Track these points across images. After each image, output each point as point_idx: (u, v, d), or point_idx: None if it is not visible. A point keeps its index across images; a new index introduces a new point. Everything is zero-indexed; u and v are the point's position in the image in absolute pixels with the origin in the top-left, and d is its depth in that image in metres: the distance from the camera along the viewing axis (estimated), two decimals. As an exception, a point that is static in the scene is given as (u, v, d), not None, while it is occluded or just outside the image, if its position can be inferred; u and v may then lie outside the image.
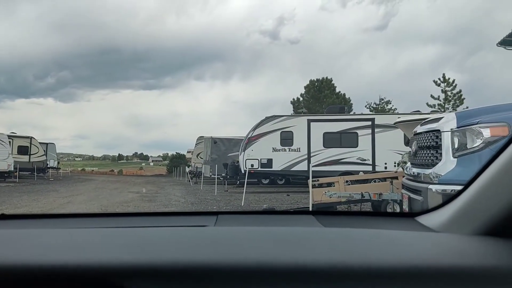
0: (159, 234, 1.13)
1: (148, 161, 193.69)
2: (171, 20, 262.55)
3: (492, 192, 1.00)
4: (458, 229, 1.07)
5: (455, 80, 35.70)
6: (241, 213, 1.44)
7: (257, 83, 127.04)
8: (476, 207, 1.05)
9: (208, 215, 1.39)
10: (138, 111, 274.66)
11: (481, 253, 0.95)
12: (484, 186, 1.03)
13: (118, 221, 1.38)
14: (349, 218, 1.40)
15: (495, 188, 1.00)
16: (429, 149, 5.29)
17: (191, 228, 1.20)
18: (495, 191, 0.99)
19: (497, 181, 0.99)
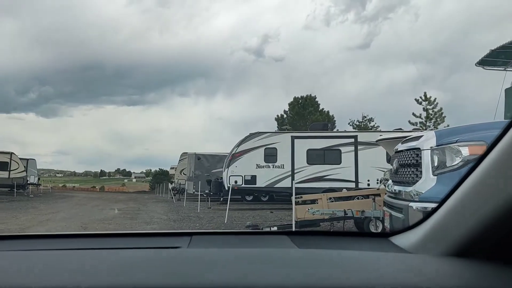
0: (128, 256, 1.10)
1: (130, 178, 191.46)
2: (155, 36, 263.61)
3: (461, 213, 1.01)
4: (429, 250, 1.08)
5: (436, 99, 36.41)
6: (215, 233, 1.41)
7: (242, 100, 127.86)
8: (445, 228, 1.06)
9: (182, 235, 1.36)
10: (121, 126, 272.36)
11: (449, 275, 0.95)
12: (453, 207, 1.04)
13: (87, 242, 1.34)
14: (323, 238, 1.39)
15: (463, 209, 1.00)
16: (409, 166, 5.35)
17: (163, 250, 1.17)
18: (464, 212, 1.00)
19: (466, 202, 0.99)
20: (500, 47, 10.94)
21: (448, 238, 1.03)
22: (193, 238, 1.31)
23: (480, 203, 0.93)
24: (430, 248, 1.08)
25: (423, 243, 1.12)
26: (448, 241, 1.03)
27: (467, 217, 0.97)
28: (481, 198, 0.93)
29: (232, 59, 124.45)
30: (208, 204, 20.18)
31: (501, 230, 0.93)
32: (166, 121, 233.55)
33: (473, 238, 0.97)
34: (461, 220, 1.00)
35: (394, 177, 5.99)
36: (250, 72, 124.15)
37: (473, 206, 0.96)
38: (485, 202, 0.91)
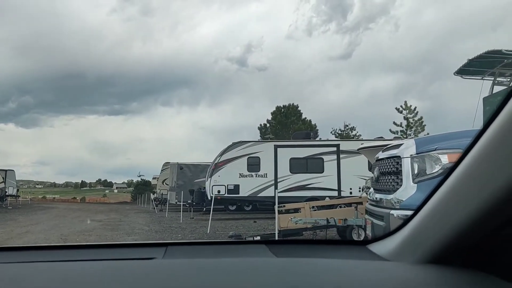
0: (101, 268, 1.07)
1: (112, 188, 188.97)
2: (138, 45, 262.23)
3: (435, 220, 1.01)
4: (406, 258, 1.07)
5: (416, 107, 37.03)
6: (191, 243, 1.39)
7: (225, 109, 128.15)
8: (421, 235, 1.06)
9: (157, 246, 1.33)
10: (103, 136, 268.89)
11: (425, 282, 0.94)
12: (428, 214, 1.04)
13: (59, 254, 1.30)
14: (301, 247, 1.38)
15: (438, 216, 1.01)
16: (390, 174, 5.39)
17: (137, 262, 1.14)
18: (438, 219, 1.00)
19: (440, 209, 1.00)
20: (477, 57, 11.18)
21: (424, 245, 1.03)
22: (169, 249, 1.28)
23: (453, 210, 0.93)
24: (407, 255, 1.08)
25: (400, 250, 1.12)
26: (424, 248, 1.03)
27: (441, 224, 0.98)
28: (455, 205, 0.93)
29: (216, 68, 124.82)
30: (190, 214, 20.02)
31: (475, 236, 0.94)
32: (148, 130, 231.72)
33: (448, 245, 0.97)
34: (436, 227, 1.00)
35: (375, 185, 6.03)
36: (233, 81, 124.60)
37: (447, 213, 0.96)
38: (458, 209, 0.91)
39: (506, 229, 0.91)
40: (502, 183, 0.77)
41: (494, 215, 0.85)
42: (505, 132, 0.76)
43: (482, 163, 0.83)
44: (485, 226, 0.90)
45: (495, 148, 0.79)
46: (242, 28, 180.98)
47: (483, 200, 0.83)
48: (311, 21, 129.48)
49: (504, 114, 0.75)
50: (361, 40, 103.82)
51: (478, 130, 0.84)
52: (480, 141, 0.82)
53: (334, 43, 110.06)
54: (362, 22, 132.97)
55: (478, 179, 0.85)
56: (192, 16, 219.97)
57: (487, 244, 0.96)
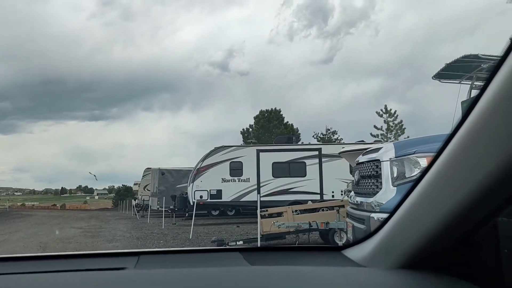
0: (69, 279, 1.04)
1: (93, 195, 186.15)
2: (118, 50, 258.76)
3: (407, 226, 1.02)
4: (379, 263, 1.08)
5: (396, 111, 37.52)
6: (165, 252, 1.36)
7: (207, 114, 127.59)
8: (393, 241, 1.07)
9: (128, 255, 1.29)
10: (83, 142, 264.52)
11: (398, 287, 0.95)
12: (400, 220, 1.04)
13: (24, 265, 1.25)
14: (276, 254, 1.37)
15: (409, 222, 1.01)
16: (370, 178, 5.44)
17: (107, 272, 1.10)
18: (410, 225, 1.01)
19: (411, 214, 1.00)
20: (455, 61, 11.36)
21: (397, 251, 1.04)
22: (141, 258, 1.25)
23: (425, 215, 0.94)
24: (380, 261, 1.08)
25: (374, 256, 1.12)
26: (397, 254, 1.03)
27: (413, 229, 0.98)
28: (426, 210, 0.94)
29: (197, 72, 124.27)
30: (173, 220, 19.84)
31: (446, 241, 0.94)
32: (129, 136, 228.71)
33: (421, 250, 0.98)
34: (408, 232, 1.01)
35: (356, 189, 6.08)
36: (215, 85, 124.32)
37: (418, 218, 0.97)
38: (429, 214, 0.92)
39: (477, 233, 0.93)
40: (472, 187, 0.78)
41: (465, 219, 0.86)
42: (473, 136, 0.76)
43: (452, 167, 0.84)
44: (456, 231, 0.91)
45: (463, 152, 0.80)
46: (224, 33, 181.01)
47: (453, 204, 0.83)
48: (293, 26, 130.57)
49: (473, 118, 0.75)
50: (342, 45, 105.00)
51: (448, 134, 0.84)
52: (449, 146, 0.83)
53: (315, 48, 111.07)
54: (343, 27, 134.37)
55: (448, 184, 0.85)
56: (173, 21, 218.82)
57: (460, 249, 0.97)
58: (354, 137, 72.00)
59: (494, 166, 0.72)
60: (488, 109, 0.71)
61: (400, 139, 29.47)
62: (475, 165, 0.77)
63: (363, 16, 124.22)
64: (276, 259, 1.29)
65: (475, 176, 0.77)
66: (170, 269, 1.12)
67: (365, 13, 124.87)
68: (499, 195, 0.78)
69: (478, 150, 0.76)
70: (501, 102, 0.68)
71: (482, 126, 0.73)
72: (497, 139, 0.70)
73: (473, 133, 0.76)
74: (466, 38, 37.80)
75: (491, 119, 0.71)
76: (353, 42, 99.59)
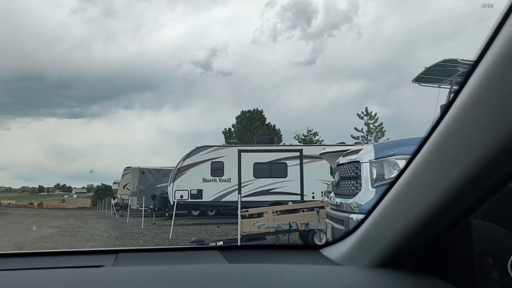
0: (47, 277, 1.02)
1: (71, 193, 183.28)
2: (99, 47, 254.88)
3: (384, 225, 1.03)
4: (356, 262, 1.09)
5: (377, 114, 38.01)
6: (144, 250, 1.35)
7: (189, 113, 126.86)
8: (371, 239, 1.08)
9: (107, 253, 1.28)
10: (62, 140, 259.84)
11: (373, 286, 0.95)
12: (377, 218, 1.06)
13: (3, 262, 1.22)
14: (255, 253, 1.37)
15: (386, 221, 1.02)
16: (350, 179, 5.49)
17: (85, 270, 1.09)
18: (387, 224, 1.02)
19: (388, 213, 1.01)
20: (434, 65, 11.55)
21: (373, 249, 1.05)
22: (119, 256, 1.24)
23: (400, 214, 0.95)
24: (357, 259, 1.09)
25: (351, 254, 1.13)
26: (373, 252, 1.04)
27: (389, 228, 0.99)
28: (401, 209, 0.95)
29: (180, 71, 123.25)
30: (152, 219, 19.67)
31: (422, 240, 0.96)
32: (110, 134, 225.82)
33: (397, 249, 0.99)
34: (384, 231, 1.02)
35: (336, 190, 6.12)
36: (198, 85, 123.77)
37: (394, 217, 0.98)
38: (405, 213, 0.93)
39: (450, 233, 0.94)
40: (444, 189, 0.79)
41: (438, 220, 0.87)
42: (446, 140, 0.77)
43: (425, 169, 0.85)
44: (430, 231, 0.92)
45: (436, 155, 0.81)
46: (207, 32, 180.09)
47: (427, 205, 0.85)
48: (276, 27, 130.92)
49: (446, 121, 0.76)
50: (325, 47, 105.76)
51: (423, 137, 0.85)
52: (423, 149, 0.84)
53: (298, 49, 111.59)
54: (326, 29, 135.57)
55: (422, 185, 0.87)
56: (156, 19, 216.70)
57: (434, 248, 0.99)
58: (335, 138, 72.60)
59: (465, 169, 0.73)
60: (460, 114, 0.73)
61: (380, 141, 29.88)
62: (447, 167, 0.78)
63: (346, 19, 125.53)
64: (255, 257, 1.29)
65: (447, 178, 0.78)
66: (149, 266, 1.12)
67: (348, 16, 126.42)
68: (470, 197, 0.79)
69: (450, 153, 0.77)
70: (472, 107, 0.70)
71: (455, 129, 0.74)
72: (468, 142, 0.71)
73: (446, 136, 0.77)
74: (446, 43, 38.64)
75: (463, 124, 0.73)
76: (336, 45, 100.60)
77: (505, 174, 0.71)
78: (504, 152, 0.66)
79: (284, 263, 1.17)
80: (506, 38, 0.61)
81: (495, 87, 0.64)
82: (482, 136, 0.68)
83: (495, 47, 0.63)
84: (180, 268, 1.11)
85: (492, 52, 0.64)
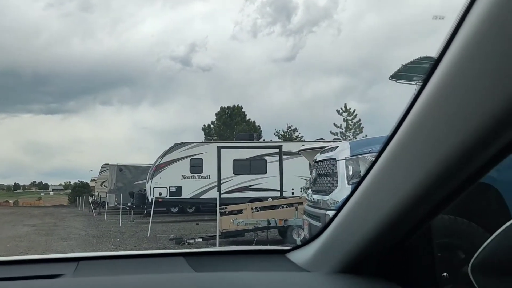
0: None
1: (48, 191, 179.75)
2: (76, 42, 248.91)
3: (347, 229, 1.02)
4: (321, 267, 1.08)
5: (355, 110, 38.41)
6: (106, 257, 1.30)
7: (168, 109, 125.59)
8: (334, 245, 1.07)
9: (67, 261, 1.22)
10: (38, 136, 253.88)
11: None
12: (341, 223, 1.05)
13: None
14: (221, 259, 1.35)
15: (349, 225, 1.02)
16: (326, 176, 5.52)
17: (41, 281, 1.03)
18: (349, 228, 1.01)
19: (351, 218, 1.01)
20: (411, 63, 11.69)
21: (336, 254, 1.04)
22: (80, 264, 1.19)
23: (362, 219, 0.95)
24: (321, 264, 1.08)
25: (315, 259, 1.12)
26: (336, 258, 1.03)
27: (352, 234, 0.99)
28: (364, 214, 0.94)
29: (158, 67, 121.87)
30: (130, 217, 19.46)
31: (385, 244, 0.95)
32: (87, 130, 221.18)
33: (359, 254, 0.98)
34: (347, 236, 1.01)
35: (313, 186, 6.15)
36: (177, 81, 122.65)
37: (357, 222, 0.97)
38: (367, 218, 0.92)
39: (414, 235, 0.94)
40: (409, 188, 0.78)
41: (402, 222, 0.87)
42: (409, 139, 0.76)
43: (388, 171, 0.84)
44: (394, 233, 0.91)
45: (398, 157, 0.80)
46: (186, 27, 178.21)
47: (390, 207, 0.84)
48: (256, 23, 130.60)
49: (411, 117, 0.75)
50: (305, 43, 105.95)
51: (387, 136, 0.84)
52: (387, 149, 0.83)
53: (278, 45, 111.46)
54: (306, 25, 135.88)
55: (385, 187, 0.86)
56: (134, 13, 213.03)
57: (397, 253, 0.98)
58: (314, 134, 73.11)
59: (427, 171, 0.72)
60: (422, 112, 0.72)
61: (358, 138, 30.19)
62: (409, 168, 0.77)
63: (326, 15, 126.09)
64: (220, 264, 1.26)
65: (410, 180, 0.77)
66: (110, 276, 1.07)
67: (328, 12, 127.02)
68: (433, 198, 0.78)
69: (412, 154, 0.76)
70: (434, 105, 0.69)
71: (419, 127, 0.73)
72: (431, 141, 0.70)
73: (409, 135, 0.76)
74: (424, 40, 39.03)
75: (425, 121, 0.71)
76: (315, 41, 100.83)
77: (470, 172, 0.70)
78: (466, 151, 0.65)
79: (250, 270, 1.15)
80: (464, 35, 0.61)
81: (456, 84, 0.64)
82: (444, 134, 0.67)
83: (455, 44, 0.63)
84: (143, 278, 1.07)
85: (452, 50, 0.64)
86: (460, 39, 0.62)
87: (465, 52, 0.61)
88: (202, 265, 1.19)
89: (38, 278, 1.04)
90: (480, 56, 0.59)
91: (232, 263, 1.28)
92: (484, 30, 0.57)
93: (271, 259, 1.31)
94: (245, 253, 1.38)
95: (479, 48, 0.59)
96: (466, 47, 0.61)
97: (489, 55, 0.57)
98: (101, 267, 1.21)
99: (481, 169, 0.69)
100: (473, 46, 0.59)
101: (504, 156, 0.66)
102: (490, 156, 0.65)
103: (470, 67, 0.61)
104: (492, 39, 0.56)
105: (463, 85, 0.62)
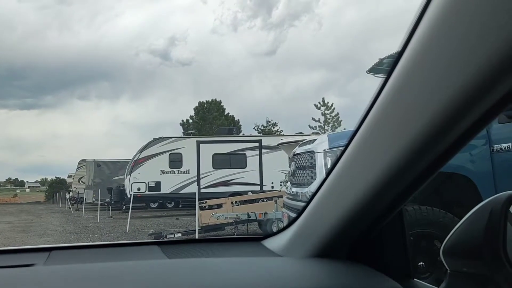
0: None
1: (24, 187, 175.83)
2: (52, 35, 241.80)
3: (319, 215, 1.05)
4: (294, 253, 1.10)
5: (333, 104, 38.74)
6: (78, 247, 1.30)
7: (147, 104, 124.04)
8: (307, 230, 1.10)
9: (38, 251, 1.21)
10: (14, 132, 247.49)
11: (308, 276, 0.98)
12: (313, 209, 1.08)
13: None
14: (196, 246, 1.36)
15: (321, 212, 1.05)
16: (305, 169, 5.57)
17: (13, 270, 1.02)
18: (321, 214, 1.04)
19: (323, 204, 1.04)
20: (388, 57, 11.82)
21: (310, 240, 1.07)
22: (52, 254, 1.18)
23: (334, 205, 0.98)
24: (296, 250, 1.11)
25: (290, 245, 1.15)
26: (310, 243, 1.06)
27: (324, 219, 1.01)
28: (335, 200, 0.97)
29: (137, 61, 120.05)
30: (109, 213, 19.25)
31: (355, 229, 0.98)
32: (64, 126, 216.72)
33: (332, 239, 1.01)
34: (319, 222, 1.04)
35: (292, 179, 6.21)
36: (156, 75, 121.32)
37: (328, 208, 1.00)
38: (338, 204, 0.95)
39: (385, 220, 0.97)
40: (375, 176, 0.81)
41: (371, 208, 0.90)
42: (374, 129, 0.80)
43: (356, 159, 0.87)
44: (364, 219, 0.95)
45: (365, 146, 0.83)
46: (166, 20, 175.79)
47: (359, 193, 0.87)
48: (237, 16, 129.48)
49: (375, 109, 0.78)
50: (286, 37, 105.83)
51: (353, 129, 0.87)
52: (355, 139, 0.86)
53: (259, 39, 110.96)
54: (287, 19, 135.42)
55: (353, 174, 0.89)
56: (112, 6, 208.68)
57: (370, 237, 1.02)
58: (294, 129, 73.38)
59: (389, 160, 0.76)
60: (385, 102, 0.75)
61: (337, 131, 30.49)
62: (374, 158, 0.81)
63: (306, 9, 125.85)
64: (195, 251, 1.28)
65: (375, 168, 0.80)
66: (82, 264, 1.07)
67: (309, 6, 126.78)
68: (399, 185, 0.82)
69: (377, 144, 0.80)
70: (396, 97, 0.72)
71: (382, 117, 0.77)
72: (393, 130, 0.74)
73: (374, 125, 0.79)
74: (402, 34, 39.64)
75: (387, 111, 0.75)
76: (296, 35, 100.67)
77: (431, 160, 0.74)
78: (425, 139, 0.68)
79: (223, 256, 1.17)
80: (423, 29, 0.64)
81: (414, 75, 0.67)
82: (404, 123, 0.70)
83: (415, 38, 0.66)
84: (115, 265, 1.07)
85: (412, 44, 0.67)
86: (418, 33, 0.65)
87: (422, 45, 0.64)
88: (175, 253, 1.20)
89: (7, 267, 1.03)
90: (436, 48, 0.62)
91: (207, 250, 1.30)
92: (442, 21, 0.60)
93: (247, 246, 1.33)
94: (221, 241, 1.40)
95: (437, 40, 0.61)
96: (423, 41, 0.64)
97: (444, 47, 0.60)
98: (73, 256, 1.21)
99: (441, 157, 0.73)
100: (431, 38, 0.62)
101: (463, 144, 0.70)
102: (449, 144, 0.69)
103: (427, 59, 0.64)
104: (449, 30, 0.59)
105: (420, 76, 0.65)
